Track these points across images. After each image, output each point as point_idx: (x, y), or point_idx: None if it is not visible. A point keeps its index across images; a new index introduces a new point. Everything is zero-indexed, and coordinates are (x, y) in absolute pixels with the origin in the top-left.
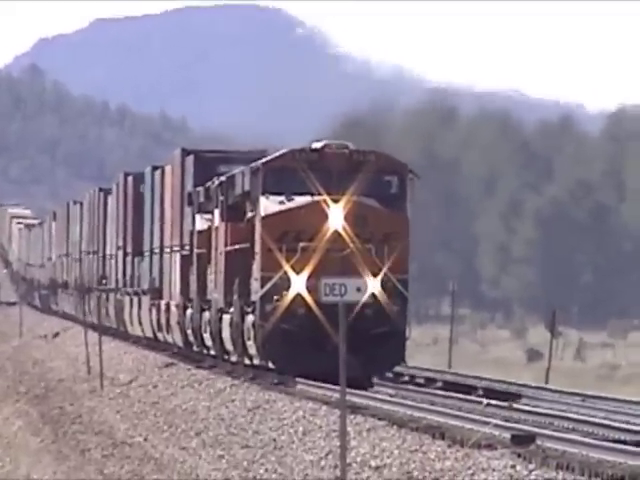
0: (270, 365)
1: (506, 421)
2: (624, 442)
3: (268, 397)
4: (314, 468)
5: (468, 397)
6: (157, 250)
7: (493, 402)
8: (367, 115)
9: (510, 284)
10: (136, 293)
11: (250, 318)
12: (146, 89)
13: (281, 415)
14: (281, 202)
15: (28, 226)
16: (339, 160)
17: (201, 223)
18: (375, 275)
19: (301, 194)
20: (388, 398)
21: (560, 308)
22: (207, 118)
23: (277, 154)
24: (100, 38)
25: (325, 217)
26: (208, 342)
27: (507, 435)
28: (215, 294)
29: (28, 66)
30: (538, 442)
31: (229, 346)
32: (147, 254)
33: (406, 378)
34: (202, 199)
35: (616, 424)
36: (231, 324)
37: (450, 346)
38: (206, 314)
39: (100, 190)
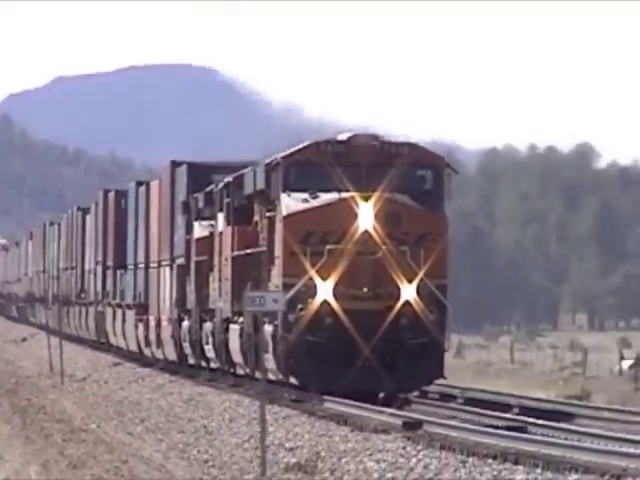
0: (292, 381)
1: (399, 409)
2: (497, 427)
3: (201, 391)
4: (239, 449)
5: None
6: (142, 265)
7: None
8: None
9: None
10: (119, 306)
11: (268, 329)
12: (98, 134)
13: (211, 406)
14: (304, 200)
15: (5, 248)
16: (369, 152)
17: (200, 230)
18: (410, 280)
19: (327, 191)
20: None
21: None
22: (149, 158)
23: (299, 147)
24: (60, 92)
25: (354, 216)
26: (210, 354)
27: (399, 422)
28: (220, 303)
29: (1, 117)
30: (425, 428)
31: (237, 359)
32: (131, 268)
33: None
34: (201, 205)
35: (492, 412)
36: (241, 335)
37: None
38: (207, 325)
39: (79, 209)
